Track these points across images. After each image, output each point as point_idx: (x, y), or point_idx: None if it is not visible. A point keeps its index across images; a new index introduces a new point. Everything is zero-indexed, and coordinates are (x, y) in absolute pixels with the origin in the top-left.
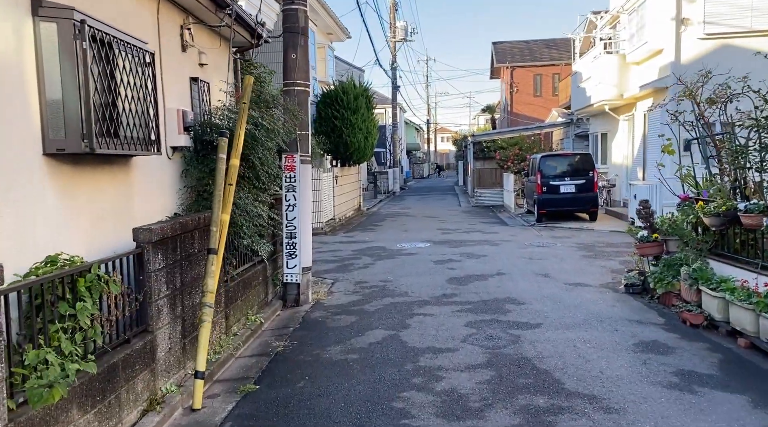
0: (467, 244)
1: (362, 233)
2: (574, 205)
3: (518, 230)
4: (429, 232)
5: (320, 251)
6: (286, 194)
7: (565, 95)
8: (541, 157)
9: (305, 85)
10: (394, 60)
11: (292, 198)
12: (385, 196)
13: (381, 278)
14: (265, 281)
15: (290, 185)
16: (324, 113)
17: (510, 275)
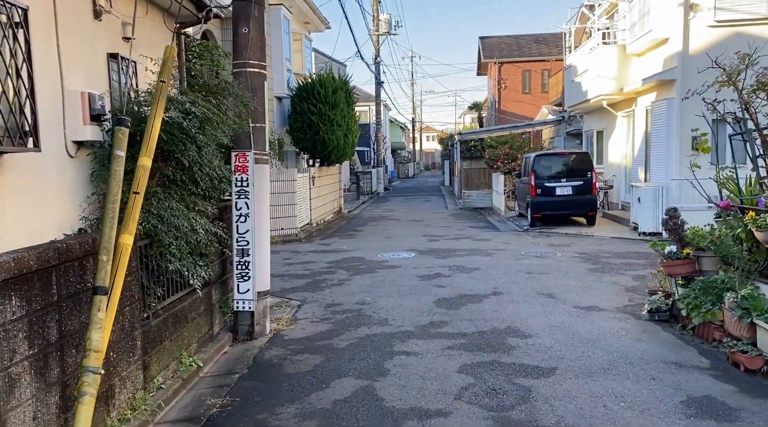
0: (457, 254)
1: (340, 240)
2: (571, 209)
3: (511, 237)
4: (414, 239)
5: (290, 262)
6: (236, 202)
7: (556, 92)
8: (535, 157)
9: (260, 67)
10: (378, 54)
11: (245, 206)
12: (369, 197)
13: (357, 298)
14: (209, 311)
15: (242, 190)
16: (299, 108)
17: (508, 294)
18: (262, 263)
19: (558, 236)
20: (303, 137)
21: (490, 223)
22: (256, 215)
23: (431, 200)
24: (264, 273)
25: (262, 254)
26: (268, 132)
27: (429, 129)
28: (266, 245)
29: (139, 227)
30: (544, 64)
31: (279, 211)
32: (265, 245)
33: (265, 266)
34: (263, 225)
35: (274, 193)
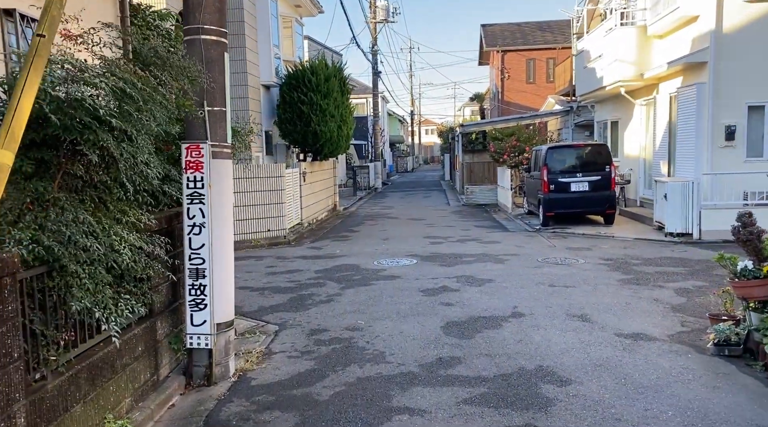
0: (464, 260)
1: (333, 243)
2: (587, 207)
3: (523, 238)
4: (415, 241)
5: (274, 271)
6: (188, 208)
7: (563, 81)
8: (547, 150)
9: (218, 34)
10: (375, 43)
11: (199, 214)
12: (366, 193)
13: (348, 321)
14: (152, 350)
15: (195, 194)
16: (289, 98)
17: (532, 316)
18: (222, 286)
19: (575, 238)
20: (293, 129)
21: (497, 222)
22: (214, 224)
23: (431, 196)
24: (226, 299)
25: (224, 275)
26: (230, 118)
27: (428, 122)
28: (229, 262)
29: (23, 251)
30: (549, 53)
31: (265, 211)
32: (227, 262)
33: (227, 290)
34: (225, 237)
35: (259, 191)
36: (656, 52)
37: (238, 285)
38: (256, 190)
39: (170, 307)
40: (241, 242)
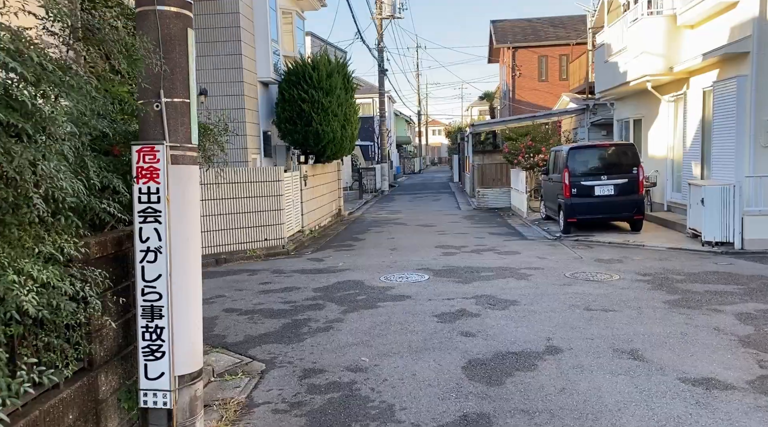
0: (482, 275)
1: (336, 254)
2: (613, 212)
3: (545, 248)
4: (425, 251)
5: (267, 288)
6: (140, 229)
7: (578, 78)
8: (569, 150)
9: (180, 4)
10: (381, 39)
11: (154, 235)
12: (372, 196)
13: (350, 357)
14: (91, 414)
15: (149, 210)
16: (288, 95)
17: (571, 351)
18: (187, 328)
19: (602, 248)
20: (292, 129)
21: (513, 228)
22: (175, 248)
23: (441, 199)
24: (190, 344)
25: (188, 313)
26: (196, 112)
27: (435, 123)
28: (194, 297)
29: None
30: (562, 49)
31: (261, 219)
32: (193, 297)
33: (191, 333)
34: (189, 265)
35: (255, 197)
36: (687, 43)
37: (225, 307)
38: (252, 196)
39: (120, 353)
40: (235, 253)
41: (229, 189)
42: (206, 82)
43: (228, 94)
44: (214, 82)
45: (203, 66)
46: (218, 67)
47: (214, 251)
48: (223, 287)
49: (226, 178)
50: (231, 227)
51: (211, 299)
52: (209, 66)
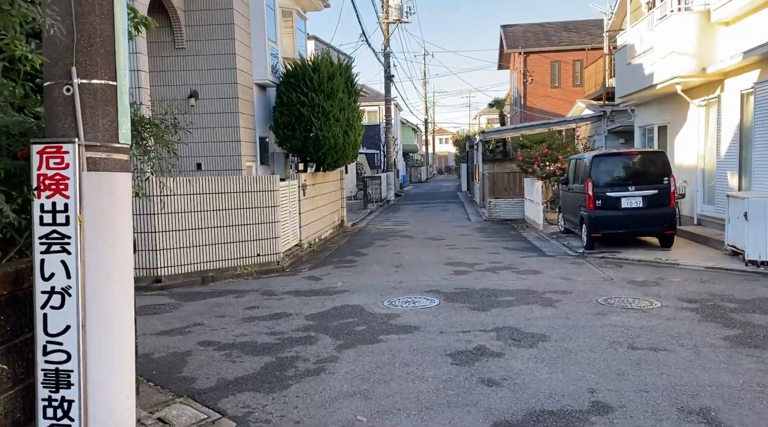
0: (501, 299)
1: (335, 271)
2: (641, 226)
3: (568, 266)
4: (434, 269)
5: (253, 315)
6: (42, 261)
7: (594, 84)
8: (593, 158)
9: None
10: (387, 44)
11: (61, 271)
12: (378, 205)
13: (342, 419)
14: None
15: (54, 235)
16: (287, 98)
17: (625, 410)
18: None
19: (632, 266)
20: (291, 135)
21: (529, 243)
22: (94, 287)
23: (449, 209)
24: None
25: (110, 379)
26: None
27: (442, 131)
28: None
29: None
30: (575, 54)
31: (254, 232)
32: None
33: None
34: (114, 308)
35: (248, 208)
36: (721, 42)
37: (201, 339)
38: (244, 208)
39: None
40: (224, 271)
41: (217, 200)
42: (196, 84)
43: (220, 97)
44: (205, 84)
45: (193, 66)
46: (210, 68)
47: (199, 268)
48: (203, 313)
49: (215, 187)
50: (219, 241)
51: (186, 328)
52: (200, 66)
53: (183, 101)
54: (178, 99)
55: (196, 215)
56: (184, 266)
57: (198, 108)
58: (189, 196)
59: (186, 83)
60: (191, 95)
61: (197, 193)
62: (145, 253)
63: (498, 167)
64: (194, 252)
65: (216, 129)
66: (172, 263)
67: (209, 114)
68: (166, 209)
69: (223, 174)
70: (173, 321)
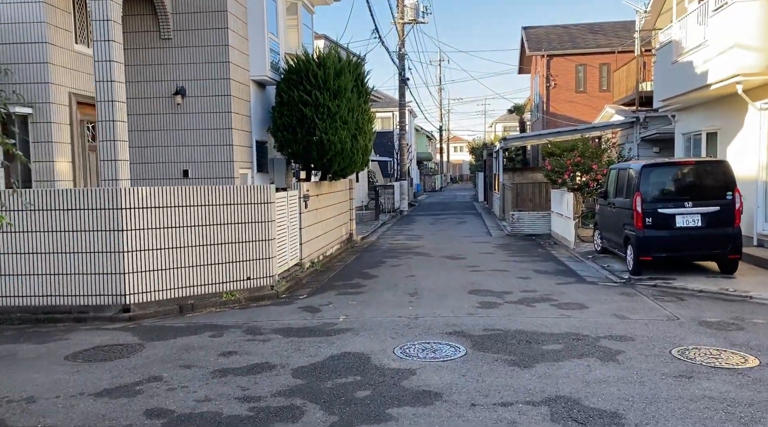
0: (546, 350)
1: (338, 299)
2: (700, 250)
3: (617, 298)
4: (456, 298)
5: (228, 366)
6: None
7: (624, 88)
8: (642, 168)
9: None
10: (402, 45)
11: None
12: (390, 216)
13: None
14: None
15: None
16: (287, 97)
17: None
18: None
19: (696, 300)
20: (291, 139)
21: (562, 264)
22: None
23: (467, 221)
24: None
25: None
26: None
27: (456, 139)
28: None
29: None
30: (602, 58)
31: (244, 252)
32: None
33: None
34: None
35: (237, 223)
36: None
37: (149, 406)
38: (232, 223)
39: None
40: (206, 298)
41: (200, 213)
42: (183, 80)
43: (211, 95)
44: (193, 80)
45: (181, 59)
46: (199, 61)
47: (177, 294)
48: (167, 360)
49: (197, 198)
50: (202, 262)
51: (138, 386)
52: (188, 59)
53: (168, 99)
54: (164, 97)
55: (173, 232)
56: (159, 292)
57: (185, 107)
58: (165, 209)
59: (172, 79)
60: (177, 92)
61: (175, 205)
62: (110, 277)
63: (518, 177)
64: (171, 275)
65: (205, 131)
66: (144, 289)
67: (198, 114)
68: (136, 224)
69: (212, 182)
70: (125, 373)
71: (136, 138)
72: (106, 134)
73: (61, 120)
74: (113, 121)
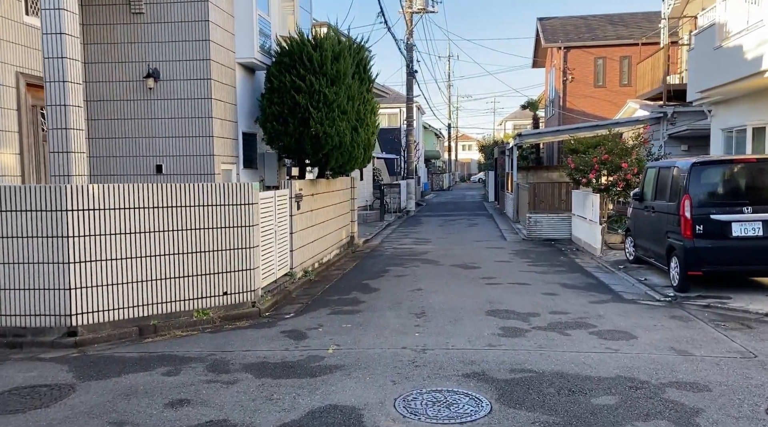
0: (597, 406)
1: (329, 321)
2: (762, 263)
3: (669, 323)
4: (472, 323)
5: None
6: None
7: (649, 81)
8: (692, 167)
9: None
10: (410, 36)
11: None
12: (396, 217)
13: None
14: None
15: None
16: (277, 82)
17: None
18: None
19: (764, 325)
20: (282, 130)
21: (591, 275)
22: None
23: (478, 223)
24: None
25: None
26: None
27: (465, 137)
28: None
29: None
30: (623, 50)
31: (219, 263)
32: None
33: None
34: None
35: (213, 228)
36: None
37: None
38: (206, 228)
39: None
40: (173, 317)
41: (168, 216)
42: (157, 61)
43: (188, 78)
44: (168, 61)
45: (152, 37)
46: (175, 39)
47: (138, 313)
48: (95, 412)
49: (163, 198)
50: (170, 274)
51: None
52: (161, 37)
53: (140, 83)
54: (134, 80)
55: (134, 238)
56: (115, 311)
57: (159, 92)
58: (123, 211)
59: (144, 59)
60: (150, 75)
61: (136, 206)
62: (53, 293)
63: (532, 176)
64: (131, 291)
65: (182, 120)
66: (96, 307)
67: (174, 100)
68: (86, 229)
69: (190, 179)
70: None
71: (103, 128)
72: (57, 121)
73: (7, 104)
74: (65, 106)
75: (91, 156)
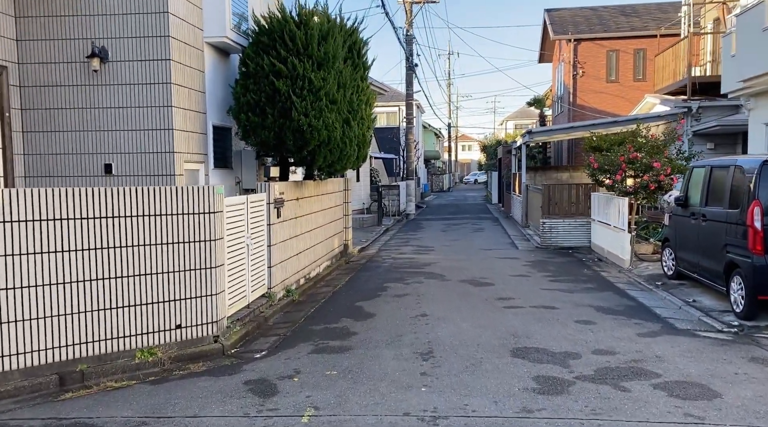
0: None
1: (309, 366)
2: None
3: (748, 366)
4: (495, 371)
5: None
6: None
7: (669, 74)
8: (763, 166)
9: None
10: (410, 27)
11: None
12: (395, 221)
13: None
14: None
15: None
16: (254, 66)
17: None
18: None
19: None
20: (259, 122)
21: (624, 294)
22: None
23: (484, 228)
24: None
25: None
26: None
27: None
28: None
29: None
30: (637, 42)
31: (169, 288)
32: None
33: None
34: None
35: (162, 244)
36: None
37: None
38: (155, 243)
39: None
40: (108, 359)
41: (103, 229)
42: (104, 38)
43: (142, 59)
44: (117, 37)
45: (98, 8)
46: (126, 12)
47: (62, 355)
48: None
49: (96, 206)
50: (105, 304)
51: None
52: (109, 8)
53: (83, 65)
54: (76, 61)
55: (55, 258)
56: (30, 355)
57: (107, 76)
58: (41, 223)
59: (87, 36)
60: (94, 54)
61: (60, 217)
62: None
63: (541, 177)
64: (53, 327)
65: (135, 110)
66: (4, 350)
67: (125, 85)
68: None
69: (146, 181)
70: None
71: (40, 119)
72: None
73: None
74: None
75: (24, 153)
